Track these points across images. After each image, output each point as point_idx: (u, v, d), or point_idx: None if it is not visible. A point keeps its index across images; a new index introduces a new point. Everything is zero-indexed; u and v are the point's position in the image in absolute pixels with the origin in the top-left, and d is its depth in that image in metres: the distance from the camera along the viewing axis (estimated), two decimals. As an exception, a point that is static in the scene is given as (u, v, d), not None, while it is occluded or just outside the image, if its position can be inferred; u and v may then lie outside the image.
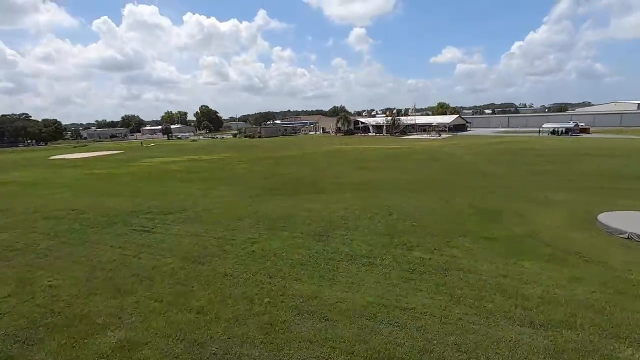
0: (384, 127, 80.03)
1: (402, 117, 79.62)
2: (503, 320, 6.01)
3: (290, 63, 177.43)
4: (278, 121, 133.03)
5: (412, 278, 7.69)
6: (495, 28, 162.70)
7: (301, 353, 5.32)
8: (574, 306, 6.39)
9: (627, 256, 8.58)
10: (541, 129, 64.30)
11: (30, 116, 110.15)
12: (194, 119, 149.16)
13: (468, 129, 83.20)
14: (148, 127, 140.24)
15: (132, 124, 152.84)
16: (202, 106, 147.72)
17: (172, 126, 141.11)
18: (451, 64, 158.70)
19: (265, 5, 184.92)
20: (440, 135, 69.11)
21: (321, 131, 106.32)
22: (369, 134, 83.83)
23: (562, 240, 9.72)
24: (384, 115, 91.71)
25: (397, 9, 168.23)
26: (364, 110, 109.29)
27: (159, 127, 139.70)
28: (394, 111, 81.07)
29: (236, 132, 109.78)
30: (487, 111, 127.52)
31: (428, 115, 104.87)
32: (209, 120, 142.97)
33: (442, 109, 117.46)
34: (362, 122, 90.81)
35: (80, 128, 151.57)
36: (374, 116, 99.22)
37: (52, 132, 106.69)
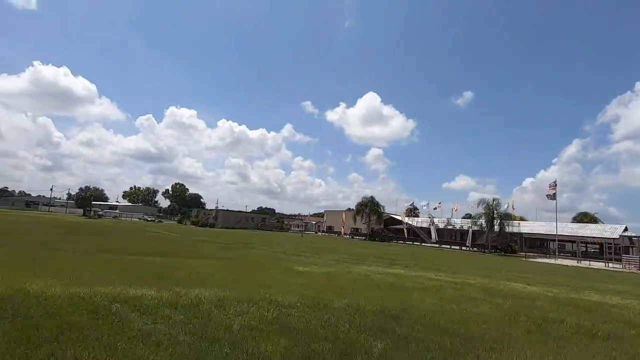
0: (470, 235, 40.60)
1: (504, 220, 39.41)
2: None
3: (309, 173, 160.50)
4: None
5: None
6: (507, 163, 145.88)
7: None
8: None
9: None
10: None
11: None
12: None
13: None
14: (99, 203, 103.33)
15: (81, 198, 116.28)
16: (175, 184, 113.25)
17: (128, 204, 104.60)
18: (464, 191, 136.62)
19: (293, 121, 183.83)
20: None
21: (325, 230, 67.08)
22: (423, 243, 45.24)
23: None
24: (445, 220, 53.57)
25: (413, 136, 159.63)
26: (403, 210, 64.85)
27: (113, 202, 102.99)
28: (492, 201, 39.47)
29: (181, 216, 74.90)
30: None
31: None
32: (179, 202, 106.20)
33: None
34: (407, 223, 52.44)
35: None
36: (416, 215, 59.29)
37: None
